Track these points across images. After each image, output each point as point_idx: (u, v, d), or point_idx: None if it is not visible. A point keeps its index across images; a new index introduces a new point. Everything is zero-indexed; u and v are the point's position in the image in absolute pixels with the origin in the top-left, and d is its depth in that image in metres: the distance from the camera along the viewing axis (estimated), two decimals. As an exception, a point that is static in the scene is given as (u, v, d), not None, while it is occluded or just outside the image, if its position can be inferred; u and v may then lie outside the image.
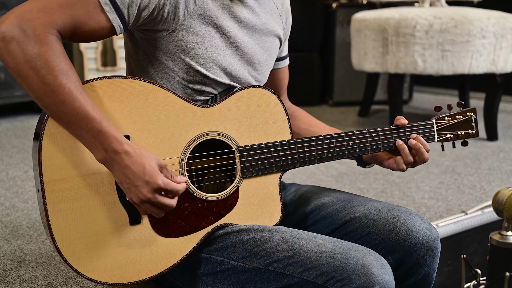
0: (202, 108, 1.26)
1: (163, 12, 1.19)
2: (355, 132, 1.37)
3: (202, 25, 1.24)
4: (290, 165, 1.33)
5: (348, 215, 1.35)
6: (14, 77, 1.08)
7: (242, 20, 1.30)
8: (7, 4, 3.45)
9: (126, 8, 1.14)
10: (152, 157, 1.12)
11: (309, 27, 4.30)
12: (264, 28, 1.36)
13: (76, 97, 1.08)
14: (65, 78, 1.07)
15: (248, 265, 1.21)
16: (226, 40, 1.28)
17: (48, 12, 1.07)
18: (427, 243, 1.29)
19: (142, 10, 1.16)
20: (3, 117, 3.69)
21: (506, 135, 3.44)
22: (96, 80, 1.16)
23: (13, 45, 1.05)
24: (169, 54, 1.25)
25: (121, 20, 1.15)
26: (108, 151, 1.10)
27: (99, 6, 1.12)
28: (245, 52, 1.33)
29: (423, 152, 1.38)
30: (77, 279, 1.52)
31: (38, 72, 1.05)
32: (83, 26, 1.12)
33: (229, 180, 1.32)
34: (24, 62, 1.05)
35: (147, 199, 1.11)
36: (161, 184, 1.11)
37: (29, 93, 1.09)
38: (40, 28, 1.06)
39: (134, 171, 1.10)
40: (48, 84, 1.06)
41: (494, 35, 3.10)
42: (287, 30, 1.48)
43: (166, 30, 1.22)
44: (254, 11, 1.33)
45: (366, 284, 1.12)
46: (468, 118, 1.48)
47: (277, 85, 1.54)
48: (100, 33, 1.15)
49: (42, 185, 1.12)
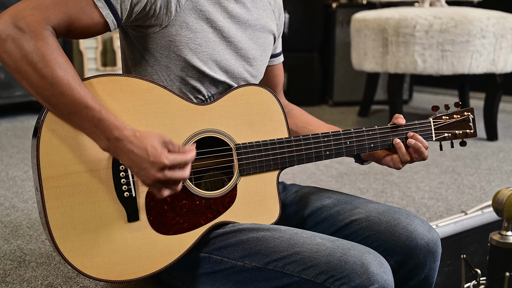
0: (199, 106, 1.27)
1: (155, 6, 1.20)
2: (352, 130, 1.37)
3: (195, 19, 1.25)
4: (287, 162, 1.33)
5: (348, 217, 1.35)
6: (12, 74, 1.09)
7: (234, 15, 1.31)
8: (6, 4, 3.46)
9: (119, 4, 1.16)
10: (154, 136, 1.12)
11: (309, 27, 4.30)
12: (257, 24, 1.37)
13: (74, 88, 1.09)
14: (62, 70, 1.08)
15: (248, 264, 1.21)
16: (219, 35, 1.29)
17: (41, 9, 1.09)
18: (428, 245, 1.29)
19: (135, 5, 1.17)
20: (3, 117, 3.69)
21: (506, 135, 3.44)
22: (93, 78, 1.16)
23: (9, 43, 1.06)
24: (164, 51, 1.25)
25: (114, 16, 1.16)
26: (110, 139, 1.11)
27: (92, 3, 1.14)
28: (239, 47, 1.33)
29: (423, 151, 1.38)
30: (77, 279, 1.52)
31: (35, 66, 1.07)
32: (77, 22, 1.13)
33: (227, 178, 1.32)
34: (21, 58, 1.06)
35: (156, 179, 1.11)
36: (166, 162, 1.10)
37: (28, 88, 1.10)
38: (35, 25, 1.07)
39: (138, 154, 1.10)
40: (46, 77, 1.07)
41: (494, 35, 3.10)
42: (280, 26, 1.48)
43: (159, 25, 1.22)
44: (246, 7, 1.34)
45: (365, 282, 1.12)
46: (466, 118, 1.48)
47: (272, 82, 1.54)
48: (94, 29, 1.16)
49: (40, 182, 1.13)
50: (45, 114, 1.14)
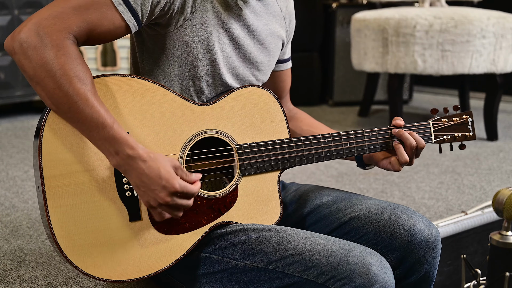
0: (200, 106, 1.27)
1: (174, 6, 1.21)
2: (352, 131, 1.37)
3: (209, 21, 1.26)
4: (288, 163, 1.33)
5: (348, 214, 1.35)
6: (30, 82, 1.11)
7: (244, 20, 1.32)
8: (7, 4, 3.45)
9: (139, 6, 1.16)
10: (166, 160, 1.14)
11: (309, 27, 4.29)
12: (267, 29, 1.38)
13: (89, 100, 1.10)
14: (79, 81, 1.09)
15: (248, 264, 1.21)
16: (229, 37, 1.30)
17: (63, 18, 1.10)
18: (428, 241, 1.30)
19: (155, 7, 1.18)
20: (3, 117, 3.69)
21: (506, 135, 3.44)
22: (95, 78, 1.16)
23: (31, 51, 1.08)
24: (176, 50, 1.26)
25: (135, 19, 1.17)
26: (122, 156, 1.11)
27: (113, 7, 1.14)
28: (248, 51, 1.34)
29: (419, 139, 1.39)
30: (77, 279, 1.52)
31: (53, 76, 1.08)
32: (98, 27, 1.14)
33: (228, 178, 1.32)
34: (40, 66, 1.08)
35: (165, 202, 1.13)
36: (178, 188, 1.12)
37: (44, 97, 1.11)
38: (57, 34, 1.09)
39: (149, 175, 1.11)
40: (62, 87, 1.09)
41: (494, 35, 3.10)
42: (290, 32, 1.49)
43: (174, 24, 1.23)
44: (256, 12, 1.34)
45: (366, 283, 1.13)
46: (465, 121, 1.50)
47: (279, 87, 1.55)
48: (115, 33, 1.17)
49: (42, 180, 1.13)
50: (47, 114, 1.14)
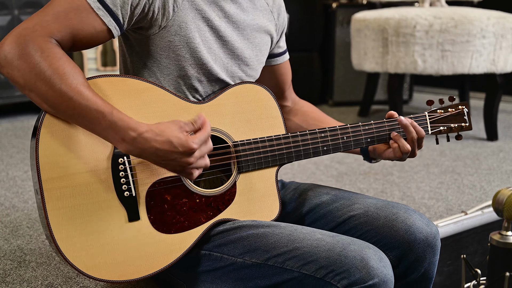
0: (196, 104, 1.28)
1: (153, 7, 1.20)
2: (349, 125, 1.37)
3: (192, 19, 1.26)
4: (285, 159, 1.34)
5: (347, 213, 1.36)
6: (24, 92, 1.10)
7: (230, 15, 1.32)
8: (7, 4, 3.45)
9: (119, 9, 1.16)
10: (170, 126, 1.13)
11: (309, 27, 4.29)
12: (254, 24, 1.37)
13: (83, 93, 1.10)
14: (69, 77, 1.09)
15: (248, 260, 1.22)
16: (215, 34, 1.30)
17: (43, 24, 1.10)
18: (427, 239, 1.30)
19: (134, 8, 1.18)
20: (3, 117, 3.69)
21: (506, 135, 3.44)
22: (90, 79, 1.16)
23: (16, 61, 1.08)
24: (163, 51, 1.26)
25: (116, 22, 1.17)
26: (126, 140, 1.11)
27: (92, 12, 1.14)
28: (235, 47, 1.34)
29: (419, 129, 1.39)
30: (77, 279, 1.52)
31: (44, 77, 1.08)
32: (81, 33, 1.14)
33: (226, 175, 1.32)
34: (29, 72, 1.08)
35: (189, 164, 1.13)
36: (195, 146, 1.12)
37: (38, 101, 1.11)
38: (38, 39, 1.09)
39: (163, 149, 1.11)
40: (54, 86, 1.08)
41: (494, 35, 3.10)
42: (280, 26, 1.49)
43: (158, 26, 1.23)
44: (242, 7, 1.34)
45: (365, 277, 1.13)
46: (460, 111, 1.50)
47: (279, 81, 1.55)
48: (98, 38, 1.17)
49: (40, 183, 1.13)
50: (43, 115, 1.14)
